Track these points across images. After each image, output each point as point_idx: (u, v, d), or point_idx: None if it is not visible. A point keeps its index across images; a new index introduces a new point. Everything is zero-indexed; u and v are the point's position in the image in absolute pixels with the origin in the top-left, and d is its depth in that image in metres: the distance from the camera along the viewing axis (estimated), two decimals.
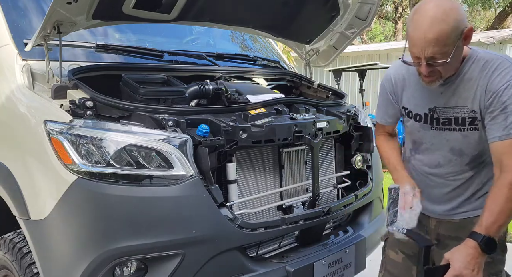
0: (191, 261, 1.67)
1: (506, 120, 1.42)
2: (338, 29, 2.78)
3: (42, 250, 1.70)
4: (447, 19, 1.35)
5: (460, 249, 1.41)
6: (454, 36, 1.36)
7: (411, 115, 1.67)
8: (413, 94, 1.65)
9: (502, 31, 10.12)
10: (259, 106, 2.10)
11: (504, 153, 1.43)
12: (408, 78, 1.65)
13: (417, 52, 1.41)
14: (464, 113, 1.52)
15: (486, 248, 1.38)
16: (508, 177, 1.40)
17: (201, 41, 3.04)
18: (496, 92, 1.43)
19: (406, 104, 1.68)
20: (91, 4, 1.88)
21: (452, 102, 1.53)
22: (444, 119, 1.57)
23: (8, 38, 2.06)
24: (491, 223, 1.39)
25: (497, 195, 1.41)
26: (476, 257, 1.38)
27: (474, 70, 1.49)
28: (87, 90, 1.79)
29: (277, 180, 2.16)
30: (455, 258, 1.39)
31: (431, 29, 1.35)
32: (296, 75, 2.99)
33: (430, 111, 1.59)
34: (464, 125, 1.53)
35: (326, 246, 2.15)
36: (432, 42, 1.36)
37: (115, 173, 1.61)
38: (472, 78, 1.49)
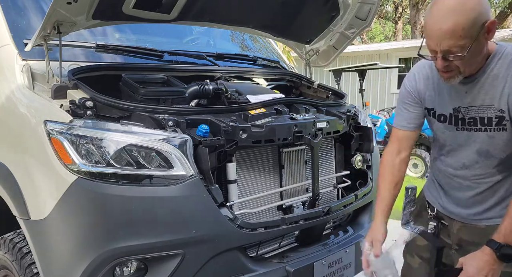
0: (191, 261, 1.67)
1: None
2: (338, 29, 2.78)
3: (42, 250, 1.70)
4: (465, 10, 1.27)
5: (476, 254, 1.37)
6: (472, 29, 1.27)
7: (435, 115, 1.58)
8: (436, 93, 1.55)
9: (502, 31, 10.12)
10: (259, 106, 2.10)
11: None
12: (432, 77, 1.56)
13: (432, 44, 1.33)
14: (490, 112, 1.42)
15: (503, 257, 1.33)
16: None
17: (201, 41, 3.04)
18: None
19: (430, 105, 1.59)
20: (91, 4, 1.88)
21: (478, 101, 1.43)
22: (469, 119, 1.47)
23: (8, 38, 2.06)
24: (510, 231, 1.33)
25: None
26: (492, 264, 1.33)
27: (501, 66, 1.39)
28: (87, 90, 1.79)
29: (277, 180, 2.16)
30: (469, 263, 1.36)
31: (446, 20, 1.27)
32: (296, 75, 2.99)
33: (455, 111, 1.50)
34: (491, 125, 1.43)
35: (326, 246, 2.15)
36: (448, 34, 1.28)
37: (115, 173, 1.61)
38: (499, 75, 1.39)
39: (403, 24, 21.48)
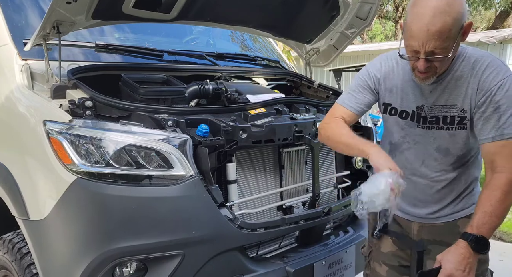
0: (191, 262, 1.67)
1: (499, 120, 1.38)
2: (338, 28, 2.78)
3: (42, 250, 1.70)
4: (451, 11, 1.26)
5: (451, 250, 1.37)
6: (455, 30, 1.29)
7: (395, 112, 1.57)
8: (400, 90, 1.55)
9: (503, 30, 10.10)
10: (259, 106, 2.09)
11: (496, 154, 1.39)
12: (397, 74, 1.56)
13: (416, 45, 1.31)
14: (453, 112, 1.46)
15: (477, 247, 1.35)
16: (502, 179, 1.37)
17: (201, 40, 3.04)
18: (489, 91, 1.38)
19: (390, 101, 1.58)
20: (91, 4, 1.88)
21: (441, 100, 1.47)
22: (431, 118, 1.50)
23: (7, 37, 2.06)
24: (482, 224, 1.35)
25: (490, 196, 1.37)
26: (468, 257, 1.34)
27: (464, 68, 1.43)
28: (86, 90, 1.78)
29: (277, 180, 2.15)
30: (445, 259, 1.36)
31: (434, 21, 1.26)
32: (296, 75, 2.99)
33: (418, 109, 1.52)
34: (453, 124, 1.47)
35: (327, 246, 2.15)
36: (435, 36, 1.27)
37: (115, 173, 1.60)
38: (463, 76, 1.43)
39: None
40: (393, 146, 1.64)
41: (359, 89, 1.62)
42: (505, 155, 1.39)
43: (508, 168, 1.38)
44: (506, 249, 3.86)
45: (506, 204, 1.37)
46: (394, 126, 1.60)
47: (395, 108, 1.57)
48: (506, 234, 4.24)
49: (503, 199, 1.36)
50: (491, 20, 17.32)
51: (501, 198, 1.36)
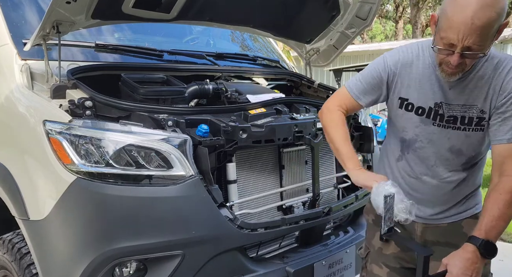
0: (191, 262, 1.67)
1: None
2: (338, 28, 2.77)
3: (41, 250, 1.70)
4: (497, 5, 1.20)
5: (458, 254, 1.34)
6: (496, 27, 1.23)
7: (412, 107, 1.51)
8: (419, 85, 1.49)
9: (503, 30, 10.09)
10: (259, 106, 2.09)
11: (508, 157, 1.37)
12: (417, 67, 1.49)
13: (455, 39, 1.24)
14: (472, 112, 1.42)
15: (486, 253, 1.32)
16: (510, 183, 1.35)
17: (201, 40, 3.04)
18: (511, 93, 1.36)
19: (406, 95, 1.51)
20: (90, 4, 1.87)
21: (462, 99, 1.42)
22: (449, 117, 1.45)
23: (7, 37, 2.05)
24: (491, 228, 1.33)
25: (498, 199, 1.35)
26: (475, 262, 1.31)
27: (487, 68, 1.39)
28: (86, 90, 1.78)
29: (277, 180, 2.15)
30: (452, 264, 1.32)
31: (479, 14, 1.19)
32: (296, 75, 2.99)
33: (436, 105, 1.46)
34: (471, 125, 1.44)
35: (327, 246, 2.15)
36: (478, 30, 1.20)
37: (115, 173, 1.60)
38: (485, 76, 1.39)
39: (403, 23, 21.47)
40: (406, 143, 1.57)
41: (370, 79, 1.55)
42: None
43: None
44: (506, 249, 3.86)
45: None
46: (409, 122, 1.53)
47: (412, 104, 1.51)
48: (506, 234, 4.24)
49: (511, 203, 1.34)
50: None
51: (509, 202, 1.34)
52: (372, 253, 1.74)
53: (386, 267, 1.68)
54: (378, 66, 1.55)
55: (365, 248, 1.81)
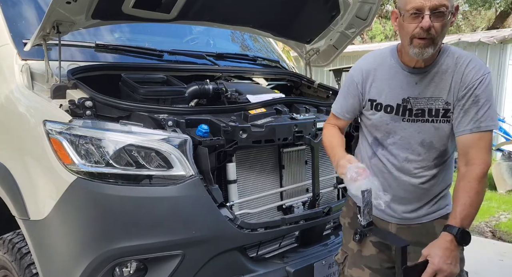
0: (191, 262, 1.67)
1: (478, 113, 1.44)
2: (338, 28, 2.78)
3: (42, 250, 1.70)
4: None
5: (437, 244, 1.40)
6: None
7: (380, 107, 1.59)
8: (386, 85, 1.58)
9: (503, 30, 10.08)
10: (259, 106, 2.09)
11: (472, 146, 1.45)
12: (382, 69, 1.59)
13: (421, 1, 1.37)
14: (438, 104, 1.50)
15: (462, 241, 1.39)
16: (476, 170, 1.43)
17: (201, 40, 3.04)
18: (470, 85, 1.45)
19: (375, 96, 1.60)
20: (91, 4, 1.88)
21: (428, 92, 1.51)
22: (417, 110, 1.53)
23: (7, 37, 2.06)
24: (465, 216, 1.40)
25: (467, 188, 1.42)
26: (453, 250, 1.38)
27: (449, 62, 1.49)
28: (86, 90, 1.78)
29: (277, 180, 2.15)
30: (433, 254, 1.38)
31: None
32: (296, 75, 2.99)
33: (404, 101, 1.55)
34: (438, 117, 1.51)
35: (327, 246, 2.15)
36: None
37: (115, 173, 1.60)
38: (448, 69, 1.49)
39: None
40: (379, 141, 1.64)
41: (346, 94, 1.68)
42: (480, 147, 1.44)
43: (483, 160, 1.44)
44: (506, 249, 3.86)
45: (482, 195, 1.44)
46: (379, 122, 1.61)
47: (380, 104, 1.59)
48: (506, 234, 4.24)
49: (480, 191, 1.43)
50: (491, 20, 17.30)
51: (478, 190, 1.42)
52: (350, 257, 1.76)
53: (368, 269, 1.71)
54: (349, 78, 1.68)
55: (342, 252, 1.82)
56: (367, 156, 1.69)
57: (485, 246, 3.89)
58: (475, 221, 4.50)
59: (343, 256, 1.81)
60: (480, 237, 4.22)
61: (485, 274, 3.14)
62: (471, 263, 1.89)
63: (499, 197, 5.56)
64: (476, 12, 17.49)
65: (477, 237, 4.16)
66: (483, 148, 1.45)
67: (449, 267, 1.36)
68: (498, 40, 8.00)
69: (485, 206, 5.14)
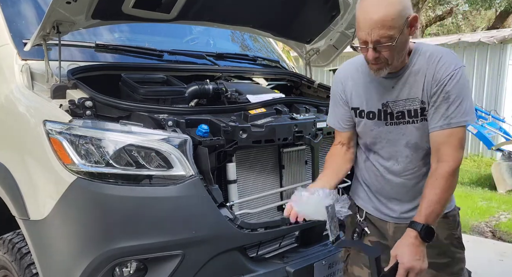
0: (191, 262, 1.67)
1: (448, 110, 1.44)
2: (338, 28, 2.78)
3: (42, 250, 1.70)
4: (393, 2, 1.35)
5: (402, 242, 1.42)
6: (399, 20, 1.36)
7: (363, 114, 1.62)
8: (364, 92, 1.61)
9: (503, 30, 10.08)
10: (259, 106, 2.09)
11: (443, 143, 1.45)
12: (358, 77, 1.63)
13: (363, 35, 1.39)
14: (415, 104, 1.51)
15: (426, 237, 1.40)
16: (445, 168, 1.44)
17: (201, 40, 3.04)
18: (441, 81, 1.45)
19: (357, 104, 1.64)
20: (91, 4, 1.88)
21: (404, 94, 1.52)
22: (397, 113, 1.55)
23: (7, 37, 2.06)
24: (430, 212, 1.42)
25: (435, 185, 1.43)
26: (418, 246, 1.40)
27: (421, 62, 1.50)
28: (86, 90, 1.78)
29: (277, 180, 2.15)
30: (400, 253, 1.39)
31: (377, 10, 1.35)
32: (296, 75, 2.99)
33: (383, 106, 1.56)
34: (417, 117, 1.52)
35: (327, 246, 2.15)
36: (378, 24, 1.35)
37: (115, 173, 1.60)
38: (420, 69, 1.49)
39: None
40: (367, 148, 1.68)
41: (334, 105, 1.72)
42: (451, 144, 1.45)
43: (453, 157, 1.44)
44: (506, 249, 3.86)
45: (449, 192, 1.46)
46: (365, 128, 1.64)
47: (363, 110, 1.62)
48: (506, 234, 4.24)
49: (447, 188, 1.44)
50: (491, 20, 17.31)
51: (445, 187, 1.43)
52: (351, 255, 1.79)
53: (366, 268, 1.71)
54: (333, 90, 1.73)
55: (344, 250, 1.85)
56: (362, 160, 1.73)
57: (485, 246, 3.89)
58: (475, 221, 4.52)
59: (345, 254, 1.83)
60: (480, 237, 4.22)
61: (485, 274, 3.14)
62: (471, 263, 1.90)
63: (499, 197, 5.57)
64: (476, 12, 17.49)
65: (477, 237, 4.16)
66: (454, 145, 1.45)
67: (418, 263, 1.38)
68: (498, 40, 8.00)
69: (485, 206, 5.14)
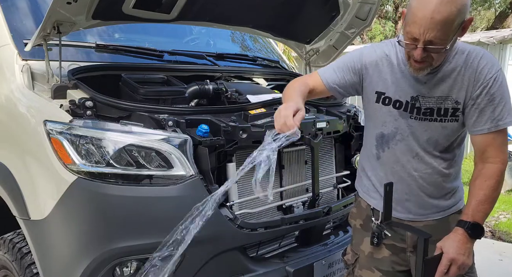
0: (191, 261, 1.67)
1: (494, 112, 1.42)
2: (338, 29, 2.78)
3: (42, 250, 1.70)
4: (457, 2, 1.26)
5: (450, 237, 1.44)
6: (458, 22, 1.29)
7: (389, 101, 1.54)
8: (396, 79, 1.53)
9: (503, 31, 10.07)
10: (259, 106, 2.10)
11: (489, 145, 1.45)
12: (391, 62, 1.54)
13: (417, 33, 1.30)
14: (447, 103, 1.47)
15: (473, 234, 1.42)
16: (494, 169, 1.44)
17: (201, 41, 3.04)
18: (485, 83, 1.41)
19: (383, 89, 1.54)
20: (91, 4, 1.88)
21: (437, 92, 1.48)
22: (426, 109, 1.50)
23: (8, 38, 2.06)
24: (477, 211, 1.43)
25: (484, 185, 1.44)
26: (465, 243, 1.41)
27: (458, 60, 1.45)
28: (87, 90, 1.78)
29: (277, 180, 2.15)
30: (447, 245, 1.41)
31: (440, 9, 1.25)
32: (296, 75, 2.99)
33: (413, 99, 1.51)
34: (446, 116, 1.49)
35: (326, 246, 2.15)
36: (439, 25, 1.26)
37: (115, 173, 1.60)
38: (457, 68, 1.44)
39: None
40: (385, 138, 1.60)
41: (344, 68, 1.60)
42: (497, 145, 1.45)
43: (500, 158, 1.45)
44: (506, 249, 3.86)
45: (497, 192, 1.46)
46: (387, 116, 1.57)
47: (389, 98, 1.55)
48: (506, 234, 4.24)
49: (496, 188, 1.45)
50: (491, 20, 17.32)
51: (494, 188, 1.45)
52: (361, 258, 1.74)
53: (378, 271, 1.69)
54: (355, 58, 1.60)
55: (352, 254, 1.79)
56: (374, 158, 1.65)
57: (485, 246, 3.89)
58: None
59: (354, 258, 1.78)
60: None
61: (485, 274, 3.14)
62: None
63: (499, 197, 5.56)
64: (476, 12, 17.49)
65: None
66: (500, 145, 1.45)
67: (463, 258, 1.40)
68: (497, 40, 8.00)
69: None
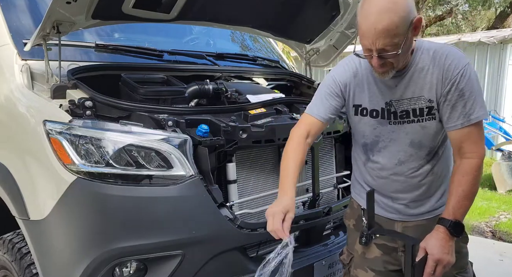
0: (191, 262, 1.67)
1: (465, 107, 1.43)
2: (338, 28, 2.78)
3: (42, 250, 1.70)
4: (396, 8, 1.30)
5: (432, 236, 1.44)
6: (403, 27, 1.32)
7: (366, 112, 1.59)
8: (367, 89, 1.57)
9: (503, 30, 10.07)
10: (259, 106, 2.10)
11: (464, 140, 1.46)
12: (361, 73, 1.58)
13: (367, 44, 1.35)
14: (421, 103, 1.49)
15: (454, 232, 1.43)
16: (471, 164, 1.45)
17: (201, 40, 3.04)
18: (453, 79, 1.43)
19: (359, 101, 1.60)
20: (91, 4, 1.88)
21: (408, 93, 1.50)
22: (401, 112, 1.53)
23: (7, 37, 2.06)
24: (457, 208, 1.44)
25: (461, 181, 1.45)
26: (448, 241, 1.43)
27: (425, 60, 1.47)
28: (86, 90, 1.78)
29: (277, 180, 2.14)
30: (430, 245, 1.42)
31: (379, 19, 1.30)
32: (296, 75, 2.99)
33: (387, 105, 1.54)
34: (422, 116, 1.51)
35: (327, 246, 2.15)
36: (383, 33, 1.31)
37: (115, 173, 1.60)
38: (425, 67, 1.47)
39: None
40: (369, 147, 1.65)
41: (326, 96, 1.63)
42: (473, 140, 1.46)
43: (477, 153, 1.46)
44: (506, 249, 3.86)
45: (476, 187, 1.47)
46: (367, 127, 1.61)
47: (366, 108, 1.59)
48: (506, 234, 4.24)
49: (474, 184, 1.46)
50: (491, 20, 17.30)
51: (472, 183, 1.45)
52: (355, 258, 1.77)
53: (371, 271, 1.71)
54: (329, 82, 1.64)
55: (347, 253, 1.83)
56: (362, 162, 1.71)
57: (485, 246, 3.89)
58: (475, 221, 4.52)
59: (348, 257, 1.82)
60: (480, 237, 4.22)
61: (485, 274, 3.14)
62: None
63: (499, 197, 5.57)
64: (476, 12, 17.48)
65: (477, 237, 4.16)
66: (475, 140, 1.46)
67: (447, 257, 1.41)
68: (498, 40, 8.00)
69: (485, 206, 5.14)
